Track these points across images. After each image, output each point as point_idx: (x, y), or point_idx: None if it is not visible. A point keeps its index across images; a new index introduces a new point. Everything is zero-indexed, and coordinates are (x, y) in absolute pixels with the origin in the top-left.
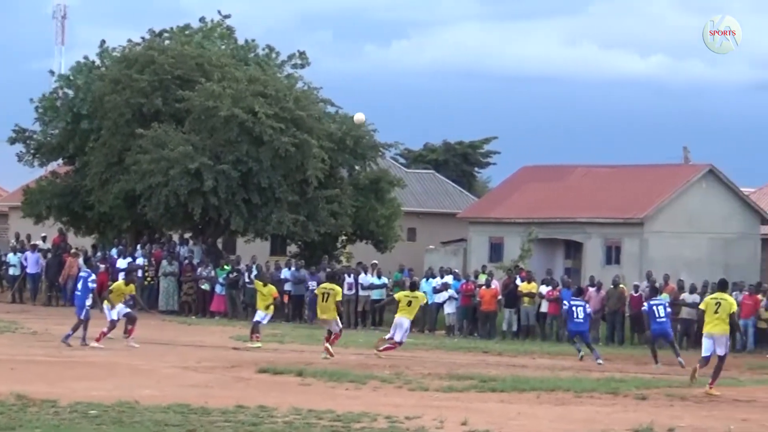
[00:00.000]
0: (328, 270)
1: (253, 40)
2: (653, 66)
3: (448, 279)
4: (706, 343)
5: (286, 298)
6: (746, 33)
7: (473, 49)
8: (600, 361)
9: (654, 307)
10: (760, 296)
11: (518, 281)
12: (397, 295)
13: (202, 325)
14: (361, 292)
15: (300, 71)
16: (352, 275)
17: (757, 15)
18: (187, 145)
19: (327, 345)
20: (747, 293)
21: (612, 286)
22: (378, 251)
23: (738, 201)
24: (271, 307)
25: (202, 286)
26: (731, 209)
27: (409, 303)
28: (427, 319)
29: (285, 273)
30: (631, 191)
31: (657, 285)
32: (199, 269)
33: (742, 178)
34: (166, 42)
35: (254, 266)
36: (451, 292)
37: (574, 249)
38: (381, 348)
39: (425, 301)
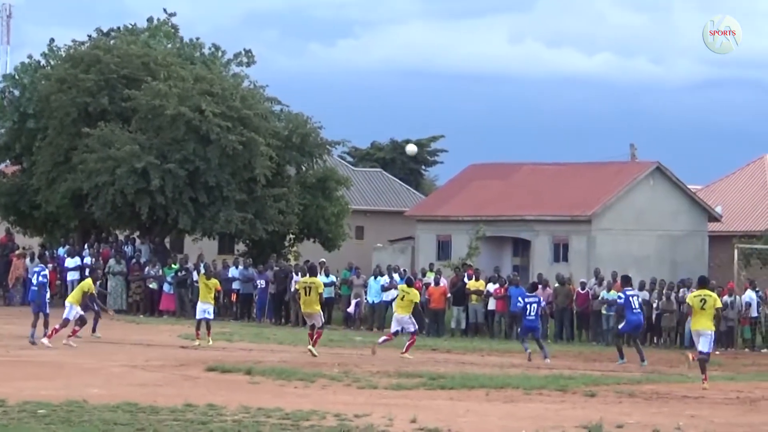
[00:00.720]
0: (308, 264)
1: (198, 39)
2: (599, 64)
3: (396, 277)
4: (694, 336)
5: (234, 297)
6: (692, 30)
7: (420, 48)
8: (548, 360)
9: (630, 298)
10: None
11: (466, 279)
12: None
13: (151, 324)
14: None
15: (246, 70)
16: (299, 274)
17: (703, 12)
18: (133, 144)
19: (310, 348)
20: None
21: (559, 284)
22: (326, 250)
23: (685, 198)
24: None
25: (150, 285)
26: (678, 206)
27: (402, 298)
28: (375, 318)
29: (233, 272)
30: (578, 189)
31: (605, 282)
32: (147, 268)
33: (690, 176)
34: (112, 41)
35: (202, 264)
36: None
37: (521, 247)
38: (380, 341)
39: (418, 299)
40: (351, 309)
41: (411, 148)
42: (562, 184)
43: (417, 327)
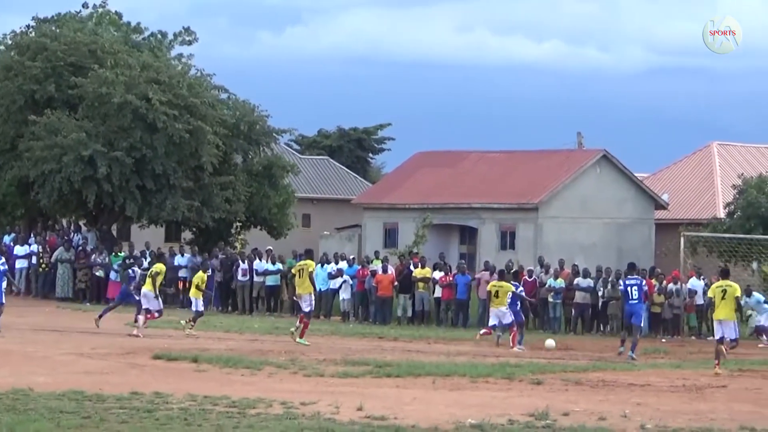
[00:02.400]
0: (306, 249)
1: (139, 24)
2: (548, 52)
3: (343, 264)
4: (716, 327)
5: (181, 285)
6: (641, 19)
7: (368, 36)
8: (634, 358)
9: (629, 288)
10: (653, 281)
11: (411, 267)
12: (489, 287)
13: (97, 311)
14: (256, 278)
15: (193, 59)
16: (246, 261)
17: (650, 2)
18: (80, 132)
19: (300, 341)
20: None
21: (507, 272)
22: (272, 237)
23: (632, 186)
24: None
25: (97, 273)
26: (625, 194)
27: (496, 293)
28: (322, 305)
29: (179, 260)
30: (525, 177)
31: (552, 270)
32: (94, 256)
33: (636, 164)
34: (59, 29)
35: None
36: (346, 278)
37: (468, 234)
38: (481, 332)
39: (512, 290)
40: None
41: (549, 343)
42: (509, 172)
43: (516, 317)
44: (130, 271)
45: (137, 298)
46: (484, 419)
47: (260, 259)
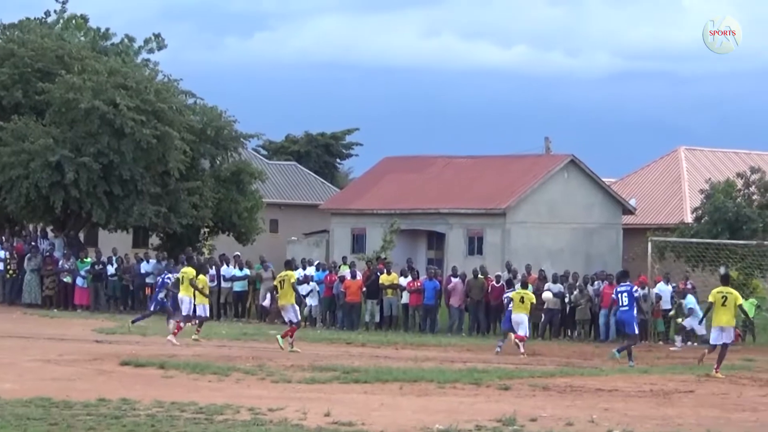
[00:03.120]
0: (286, 260)
1: (108, 30)
2: (515, 56)
3: (311, 270)
4: (714, 333)
5: (148, 291)
6: (607, 23)
7: (335, 41)
8: (632, 364)
9: (619, 295)
10: None
11: (378, 272)
12: (512, 294)
13: (64, 318)
14: (224, 284)
15: (161, 61)
16: (213, 267)
17: (615, 6)
18: (47, 137)
19: (292, 349)
20: (607, 284)
21: (474, 277)
22: (240, 243)
23: (599, 191)
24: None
25: (64, 279)
26: (593, 199)
27: (522, 300)
28: None
29: (145, 266)
30: (493, 182)
31: (519, 275)
32: (61, 262)
33: (604, 169)
34: (26, 35)
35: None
36: (313, 285)
37: (436, 240)
38: (514, 342)
39: (534, 300)
40: (266, 302)
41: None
42: (476, 177)
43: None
44: (162, 277)
45: (168, 304)
46: (451, 425)
47: (228, 265)
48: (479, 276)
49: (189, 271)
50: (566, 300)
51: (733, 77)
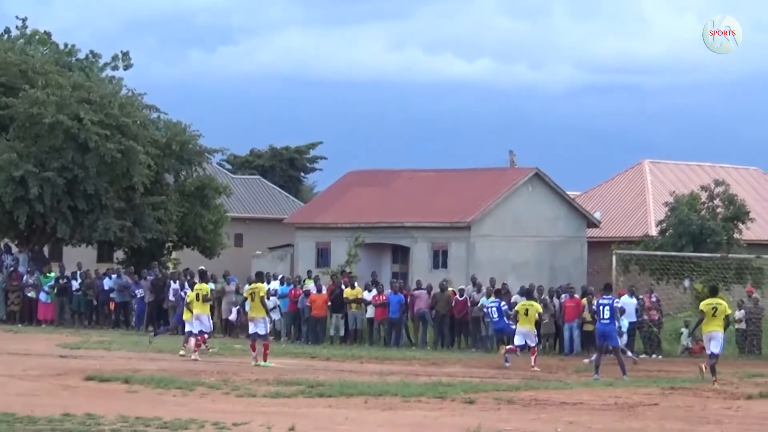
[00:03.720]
0: (257, 272)
1: (74, 45)
2: (479, 70)
3: (275, 284)
4: (705, 339)
5: (112, 305)
6: (571, 36)
7: (299, 55)
8: (625, 377)
9: (601, 307)
10: (584, 300)
11: (342, 286)
12: (517, 307)
13: (29, 333)
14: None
15: (125, 77)
16: (177, 281)
17: (579, 19)
18: (11, 152)
19: (262, 363)
20: (567, 296)
21: (439, 290)
22: (205, 257)
23: (564, 204)
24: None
25: (29, 294)
26: (557, 212)
27: (526, 312)
28: None
29: (108, 283)
30: (457, 195)
31: (484, 288)
32: (25, 277)
33: (568, 182)
34: None
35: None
36: (274, 300)
37: (401, 253)
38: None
39: (540, 311)
40: (232, 317)
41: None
42: (441, 190)
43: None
44: (183, 293)
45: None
46: None
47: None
48: (445, 290)
49: (204, 287)
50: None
51: (697, 90)
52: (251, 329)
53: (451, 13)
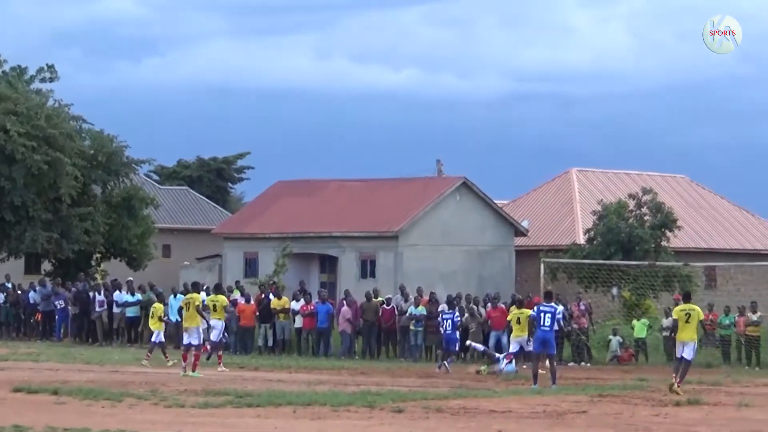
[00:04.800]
0: (192, 282)
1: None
2: (406, 79)
3: (202, 295)
4: (679, 346)
5: (38, 317)
6: (498, 45)
7: (226, 65)
8: (554, 386)
9: (542, 314)
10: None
11: (270, 296)
12: (509, 317)
13: None
14: (115, 309)
15: (50, 86)
16: (103, 292)
17: (505, 28)
18: None
19: (191, 374)
20: (490, 307)
21: (367, 300)
22: (132, 269)
23: (492, 213)
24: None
25: None
26: (485, 221)
27: (518, 320)
28: (179, 336)
29: (33, 296)
30: (385, 205)
31: (412, 298)
32: None
33: (496, 191)
34: None
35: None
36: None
37: (329, 263)
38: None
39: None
40: None
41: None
42: (368, 200)
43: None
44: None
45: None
46: None
47: (120, 291)
48: (372, 299)
49: (220, 298)
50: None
51: (624, 98)
52: (185, 339)
53: (377, 23)
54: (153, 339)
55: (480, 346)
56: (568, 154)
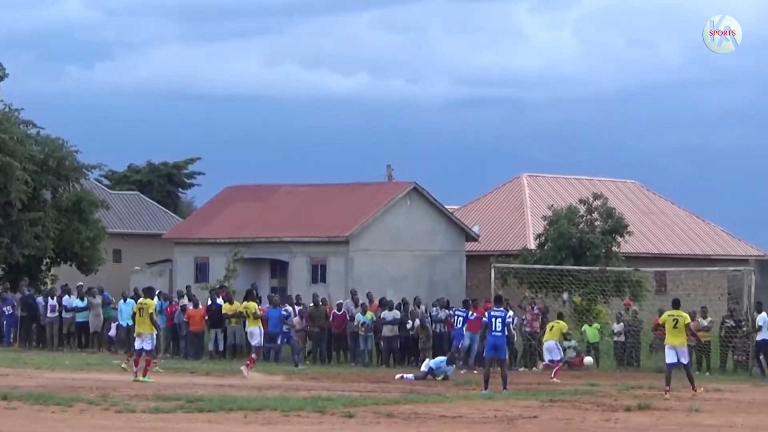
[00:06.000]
0: (145, 287)
1: None
2: (356, 84)
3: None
4: (669, 352)
5: None
6: (449, 50)
7: (177, 70)
8: (506, 391)
9: (493, 319)
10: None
11: (220, 301)
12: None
13: None
14: (66, 315)
15: (1, 93)
16: (55, 297)
17: (455, 33)
18: None
19: (141, 379)
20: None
21: (313, 305)
22: (83, 273)
23: (442, 218)
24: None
25: None
26: (435, 226)
27: (551, 328)
28: (129, 341)
29: None
30: (335, 210)
31: (361, 303)
32: None
33: (447, 196)
34: None
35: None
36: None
37: (280, 268)
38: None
39: (564, 329)
40: (112, 332)
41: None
42: (319, 205)
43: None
44: (281, 310)
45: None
46: None
47: (70, 296)
48: (319, 305)
49: (251, 305)
50: (409, 327)
51: (575, 104)
52: (137, 344)
53: (327, 28)
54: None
55: (410, 376)
56: (518, 160)
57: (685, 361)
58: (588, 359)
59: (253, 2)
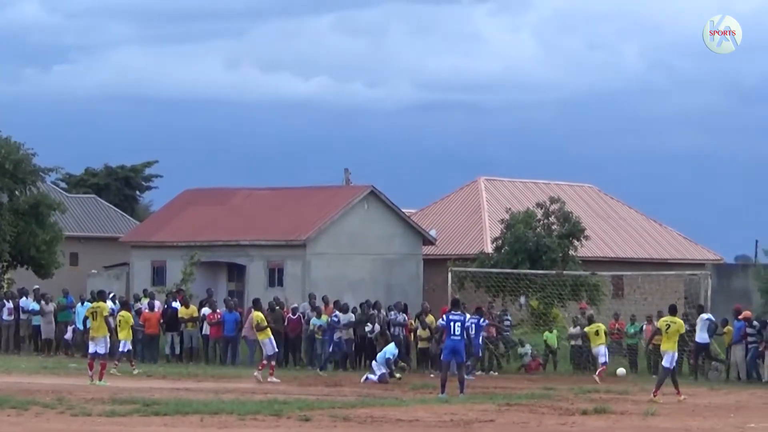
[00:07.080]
0: (98, 290)
1: None
2: (316, 87)
3: (108, 304)
4: (666, 357)
5: None
6: (408, 54)
7: (135, 73)
8: (462, 395)
9: (451, 323)
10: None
11: (176, 305)
12: (587, 328)
13: None
14: (22, 317)
15: None
16: (11, 301)
17: (415, 37)
18: None
19: (99, 383)
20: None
21: (270, 310)
22: (39, 277)
23: (400, 222)
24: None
25: None
26: (393, 230)
27: (596, 332)
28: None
29: None
30: (293, 213)
31: (316, 306)
32: None
33: (404, 200)
34: None
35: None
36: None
37: (237, 271)
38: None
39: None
40: (68, 335)
41: (621, 371)
42: (277, 208)
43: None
44: (332, 318)
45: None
46: None
47: (26, 298)
48: (275, 309)
49: (258, 315)
50: (368, 330)
51: (534, 108)
52: (91, 348)
53: (287, 31)
54: (121, 348)
55: (374, 377)
56: (476, 163)
57: (667, 365)
58: (621, 370)
59: (212, 5)
